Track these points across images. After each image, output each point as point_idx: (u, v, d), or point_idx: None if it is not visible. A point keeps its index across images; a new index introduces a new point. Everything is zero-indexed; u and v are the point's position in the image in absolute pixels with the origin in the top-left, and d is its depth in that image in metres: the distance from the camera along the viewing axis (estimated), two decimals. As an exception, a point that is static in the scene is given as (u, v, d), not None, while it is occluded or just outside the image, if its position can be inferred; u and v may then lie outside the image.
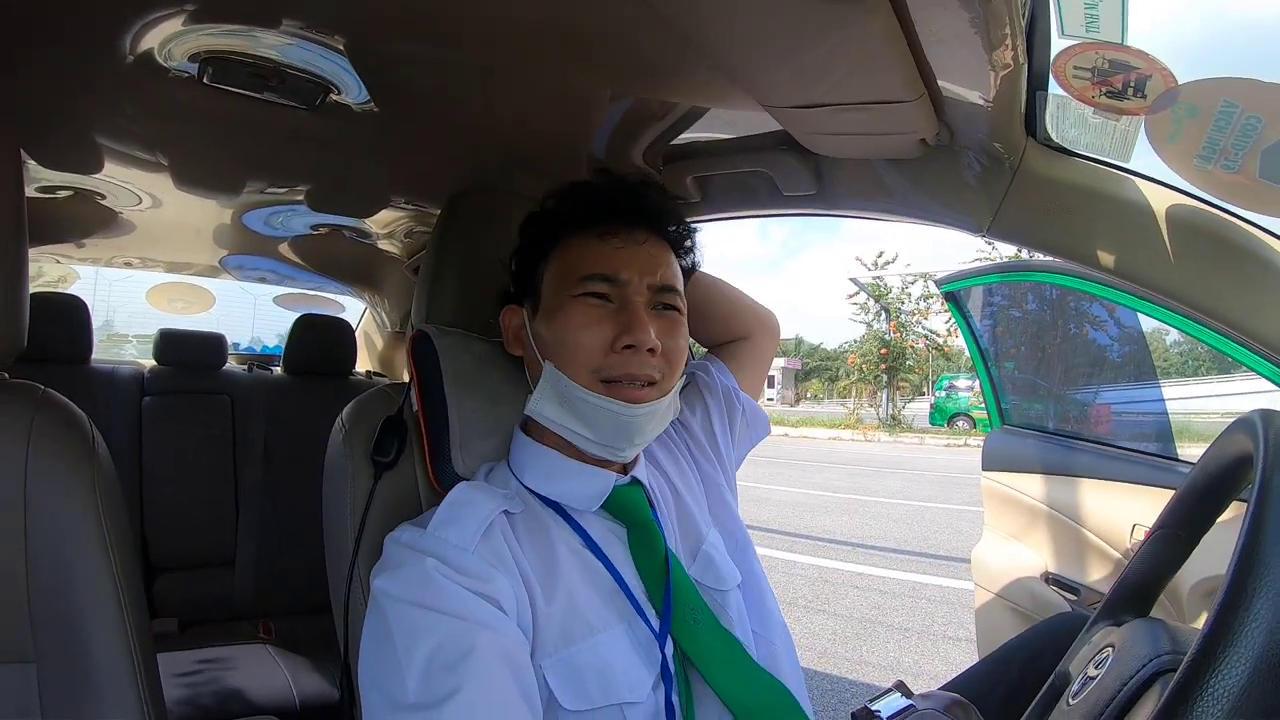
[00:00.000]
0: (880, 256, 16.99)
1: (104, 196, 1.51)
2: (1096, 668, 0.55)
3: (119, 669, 0.68)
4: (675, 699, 0.66)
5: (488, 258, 0.88)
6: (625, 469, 0.79)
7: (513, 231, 0.82)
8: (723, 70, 0.78)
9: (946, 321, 16.29)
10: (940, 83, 0.74)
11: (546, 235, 0.78)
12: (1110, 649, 0.56)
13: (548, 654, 0.64)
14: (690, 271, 0.83)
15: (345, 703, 0.77)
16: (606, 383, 0.72)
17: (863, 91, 0.74)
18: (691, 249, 0.83)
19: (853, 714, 0.79)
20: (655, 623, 0.69)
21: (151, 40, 0.85)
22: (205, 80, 0.94)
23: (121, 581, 0.69)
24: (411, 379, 0.84)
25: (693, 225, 0.84)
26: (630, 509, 0.76)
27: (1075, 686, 0.57)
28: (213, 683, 1.43)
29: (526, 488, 0.75)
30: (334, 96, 1.01)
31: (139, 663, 0.69)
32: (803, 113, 0.82)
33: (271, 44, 0.88)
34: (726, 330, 1.03)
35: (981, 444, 1.81)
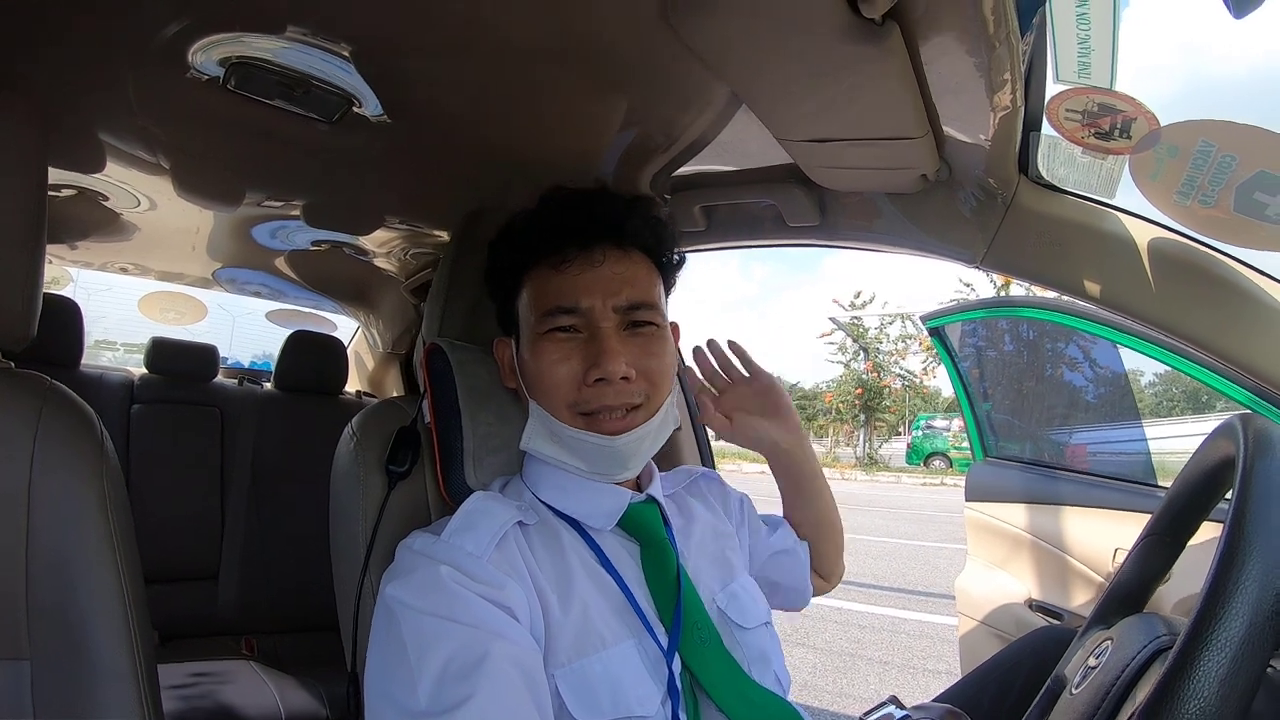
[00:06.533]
0: (858, 296, 17.32)
1: (106, 198, 1.49)
2: (1096, 658, 0.59)
3: (119, 668, 0.66)
4: (682, 715, 0.66)
5: None
6: (640, 486, 0.80)
7: None
8: (741, 101, 0.83)
9: (923, 361, 16.61)
10: (943, 122, 0.79)
11: (512, 267, 0.78)
12: (1109, 642, 0.60)
13: (560, 664, 0.64)
14: (677, 267, 0.82)
15: (351, 712, 0.76)
16: (585, 415, 0.72)
17: (873, 128, 0.79)
18: (667, 247, 0.80)
19: None
20: (664, 640, 0.69)
21: (183, 41, 0.85)
22: (230, 86, 0.94)
23: (126, 578, 0.68)
24: (425, 391, 0.84)
25: (658, 219, 0.80)
26: (645, 527, 0.76)
27: (1076, 679, 0.60)
28: (199, 697, 1.39)
29: (542, 501, 0.76)
30: (356, 110, 1.01)
31: (140, 663, 0.68)
32: (814, 146, 0.87)
33: (300, 54, 0.89)
34: (818, 556, 0.99)
35: (957, 484, 1.86)
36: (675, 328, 0.82)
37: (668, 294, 0.81)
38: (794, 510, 1.00)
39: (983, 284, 13.09)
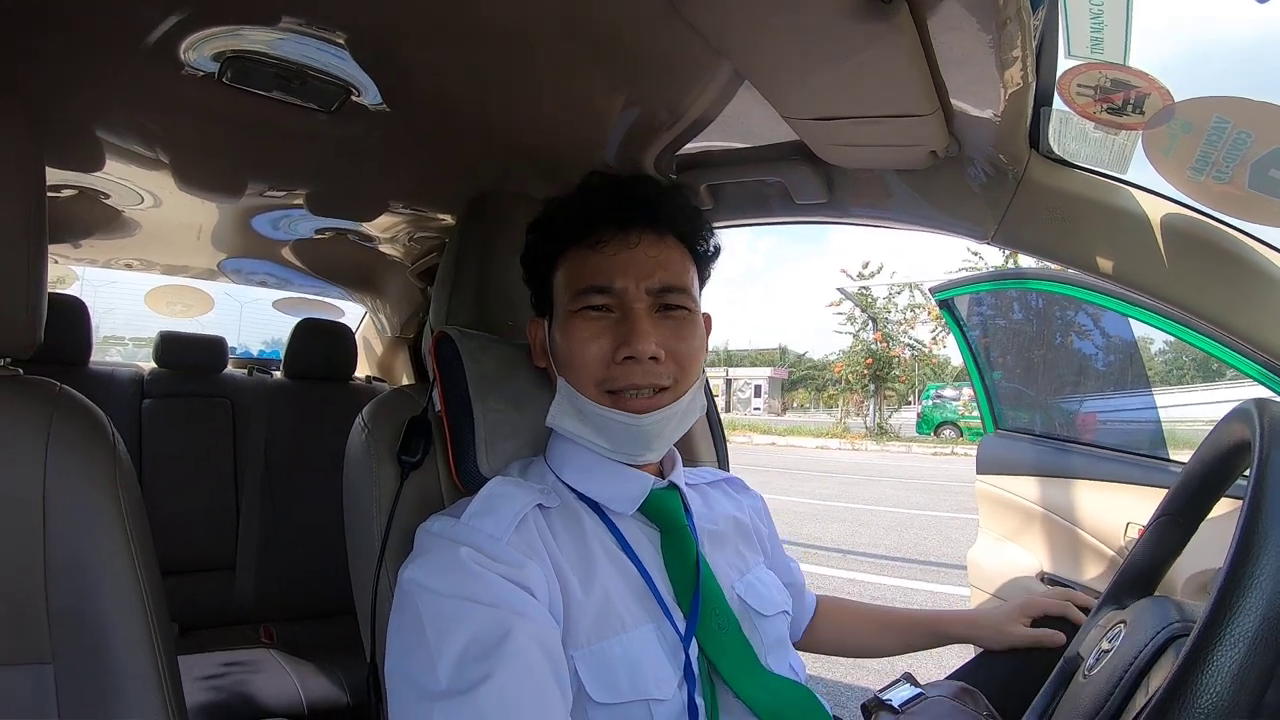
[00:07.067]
0: (866, 266, 17.17)
1: (107, 196, 1.49)
2: (1110, 642, 0.59)
3: (141, 669, 0.67)
4: (699, 699, 0.67)
5: (506, 262, 0.89)
6: (662, 472, 0.80)
7: None
8: (746, 80, 0.81)
9: (932, 331, 16.50)
10: (953, 98, 0.78)
11: (548, 251, 0.79)
12: (1121, 625, 0.60)
13: (579, 645, 0.64)
14: (712, 257, 0.83)
15: (371, 703, 0.77)
16: (612, 394, 0.73)
17: (882, 105, 0.78)
18: (702, 235, 0.80)
19: (863, 705, 0.81)
20: (681, 625, 0.70)
21: (175, 38, 0.85)
22: (225, 80, 0.93)
23: (144, 580, 0.69)
24: (435, 381, 0.84)
25: (694, 207, 0.81)
26: (666, 513, 0.77)
27: (1090, 661, 0.60)
28: (220, 687, 1.42)
29: (564, 483, 0.76)
30: (354, 99, 1.01)
31: (162, 663, 0.68)
32: (821, 124, 0.86)
33: (295, 45, 0.88)
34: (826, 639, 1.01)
35: (968, 453, 1.85)
36: (708, 318, 0.83)
37: (702, 285, 0.81)
38: (896, 633, 1.00)
39: (991, 253, 12.96)
